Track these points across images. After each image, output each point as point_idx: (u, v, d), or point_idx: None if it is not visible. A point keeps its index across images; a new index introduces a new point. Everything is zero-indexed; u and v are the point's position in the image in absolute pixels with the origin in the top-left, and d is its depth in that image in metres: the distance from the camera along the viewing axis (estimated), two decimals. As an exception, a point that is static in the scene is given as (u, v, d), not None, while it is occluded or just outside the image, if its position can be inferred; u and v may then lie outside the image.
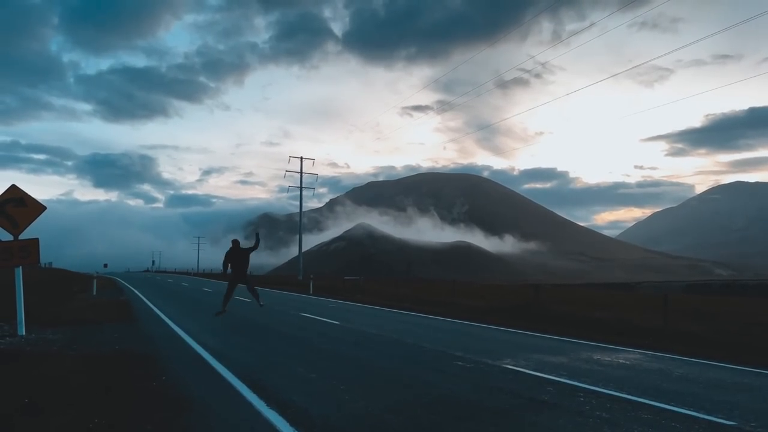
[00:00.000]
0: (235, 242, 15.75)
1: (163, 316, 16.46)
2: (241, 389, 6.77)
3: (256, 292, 16.01)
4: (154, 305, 20.99)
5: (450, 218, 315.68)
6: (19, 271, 11.38)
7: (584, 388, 7.07)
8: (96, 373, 7.76)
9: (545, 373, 7.96)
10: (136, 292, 31.28)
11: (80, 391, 6.59)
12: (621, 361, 9.35)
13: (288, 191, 56.80)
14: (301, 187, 55.34)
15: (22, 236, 11.52)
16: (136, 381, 7.28)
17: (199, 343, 10.79)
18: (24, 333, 11.20)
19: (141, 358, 9.10)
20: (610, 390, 6.96)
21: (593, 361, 9.27)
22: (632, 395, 6.70)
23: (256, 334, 12.44)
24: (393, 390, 6.89)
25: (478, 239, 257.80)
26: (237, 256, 15.12)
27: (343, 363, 8.83)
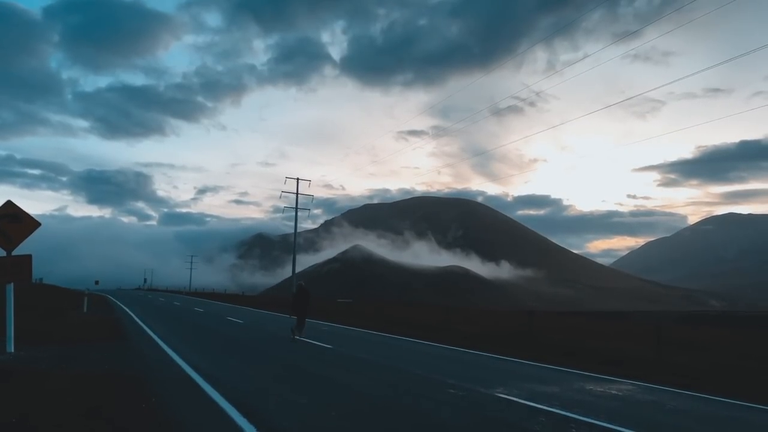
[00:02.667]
0: (301, 286, 17.91)
1: (153, 336, 16.33)
2: (232, 413, 6.71)
3: (304, 324, 17.31)
4: (145, 324, 20.81)
5: (445, 243, 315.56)
6: (10, 288, 11.31)
7: (576, 419, 7.05)
8: (85, 393, 7.68)
9: (537, 403, 7.92)
10: (127, 310, 31.01)
11: (68, 411, 6.52)
12: (613, 392, 9.33)
13: (283, 212, 56.99)
14: (296, 208, 55.39)
15: (15, 252, 11.48)
16: (125, 402, 7.21)
17: (189, 364, 10.69)
18: (13, 350, 11.09)
19: (131, 378, 9.03)
20: (602, 421, 6.93)
21: (586, 391, 9.24)
22: (624, 427, 6.68)
23: (247, 357, 12.34)
24: (385, 417, 6.84)
25: (475, 265, 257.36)
26: (302, 296, 17.49)
27: (336, 389, 8.77)
